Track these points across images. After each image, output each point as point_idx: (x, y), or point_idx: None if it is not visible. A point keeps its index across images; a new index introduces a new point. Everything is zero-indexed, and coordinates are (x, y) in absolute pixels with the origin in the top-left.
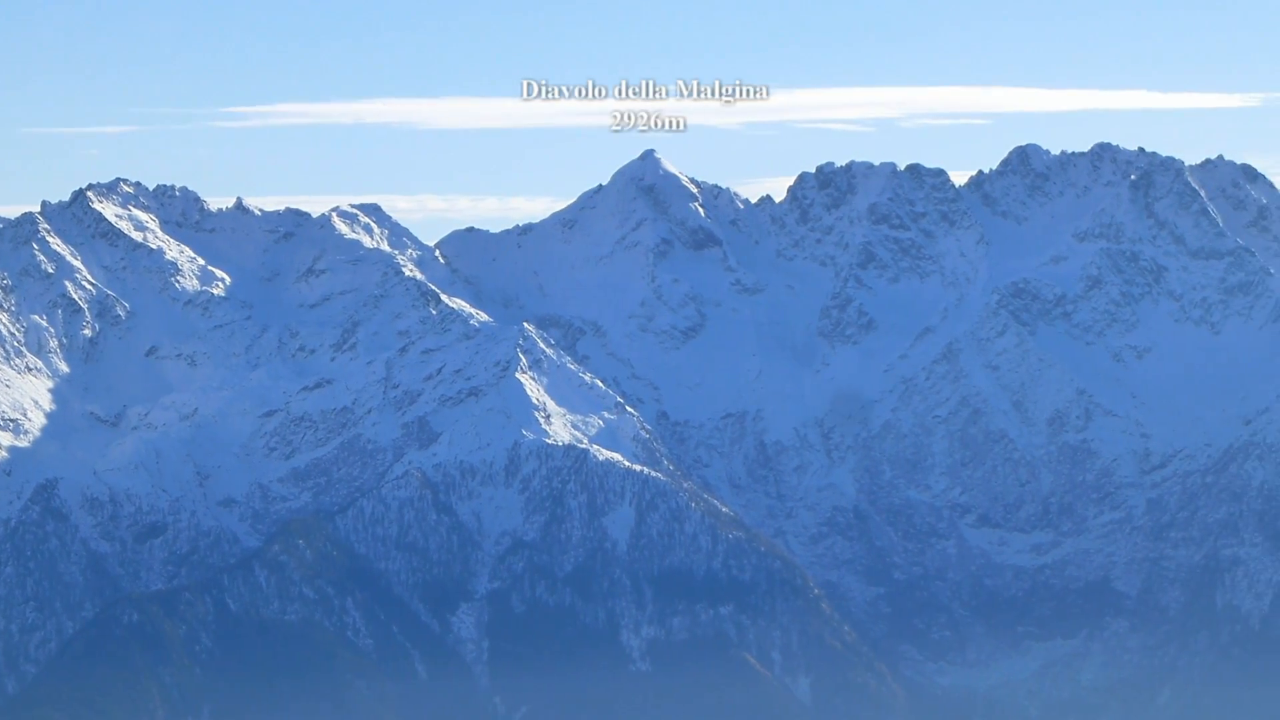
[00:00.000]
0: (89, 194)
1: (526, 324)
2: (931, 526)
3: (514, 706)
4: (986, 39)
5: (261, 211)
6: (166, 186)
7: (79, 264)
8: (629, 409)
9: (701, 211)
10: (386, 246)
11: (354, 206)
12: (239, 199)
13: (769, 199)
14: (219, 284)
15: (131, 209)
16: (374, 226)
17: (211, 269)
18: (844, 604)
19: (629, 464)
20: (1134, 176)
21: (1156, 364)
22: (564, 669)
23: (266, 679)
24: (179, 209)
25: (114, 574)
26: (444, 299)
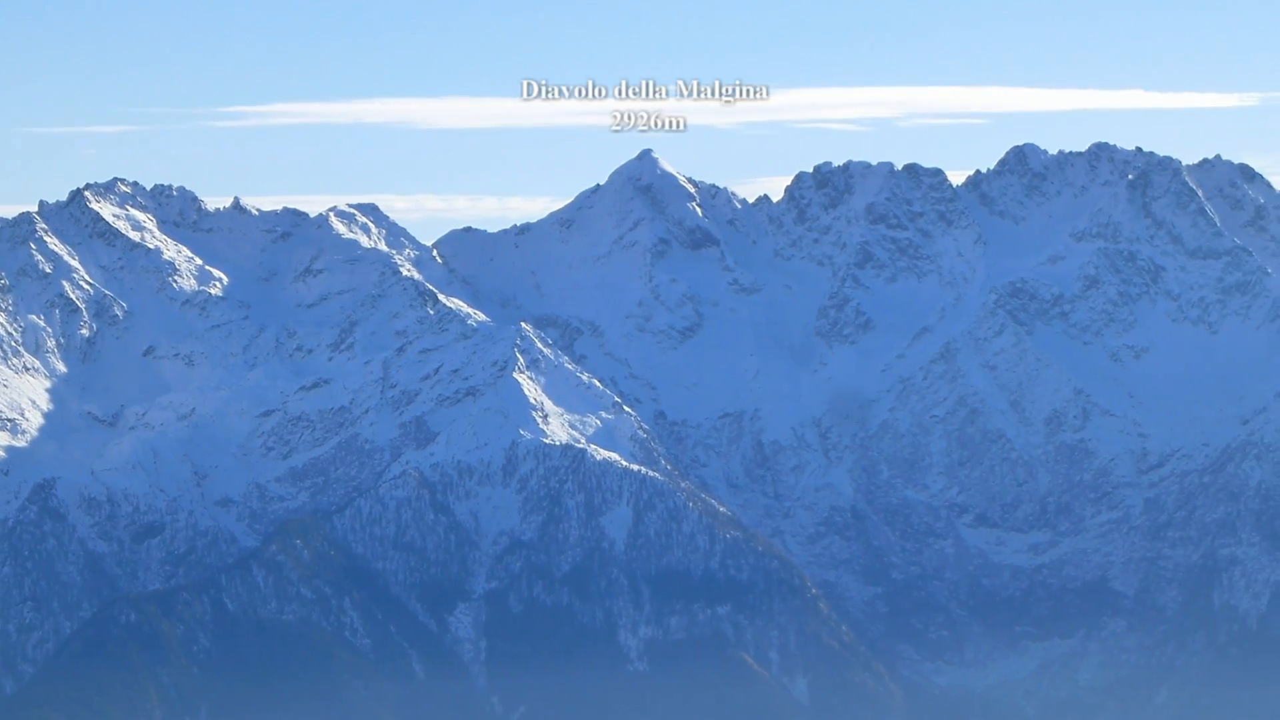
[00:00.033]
0: (86, 194)
1: (524, 324)
2: (929, 526)
3: (511, 706)
4: (984, 39)
5: (259, 211)
6: (164, 186)
7: (76, 264)
8: (626, 409)
9: (699, 211)
10: (384, 246)
11: (351, 206)
12: (236, 199)
13: (766, 199)
14: (216, 284)
15: (129, 209)
16: (371, 226)
17: (209, 269)
18: (841, 604)
19: (626, 464)
20: (1131, 176)
21: (1154, 364)
22: (561, 669)
23: (264, 679)
24: (176, 209)
25: (111, 574)
26: (441, 299)
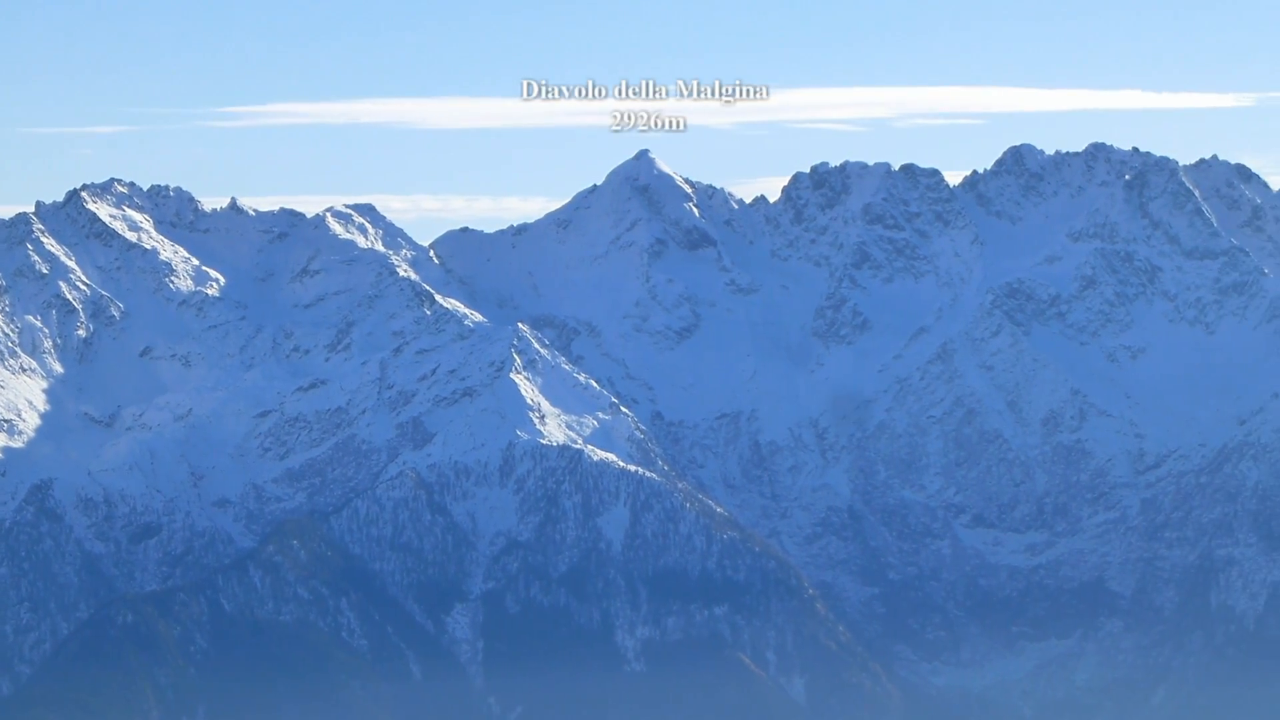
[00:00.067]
0: (83, 194)
1: (521, 324)
2: (926, 527)
3: (509, 707)
4: (981, 39)
5: (256, 212)
6: (161, 187)
7: (73, 264)
8: (623, 409)
9: (696, 212)
10: (381, 247)
11: (348, 207)
12: (233, 199)
13: (763, 199)
14: (213, 284)
15: (126, 209)
16: (368, 227)
17: (206, 269)
18: (839, 604)
19: (623, 464)
20: (1128, 176)
21: (1151, 364)
22: (559, 669)
23: (261, 680)
24: (173, 209)
25: (108, 575)
26: (438, 299)
